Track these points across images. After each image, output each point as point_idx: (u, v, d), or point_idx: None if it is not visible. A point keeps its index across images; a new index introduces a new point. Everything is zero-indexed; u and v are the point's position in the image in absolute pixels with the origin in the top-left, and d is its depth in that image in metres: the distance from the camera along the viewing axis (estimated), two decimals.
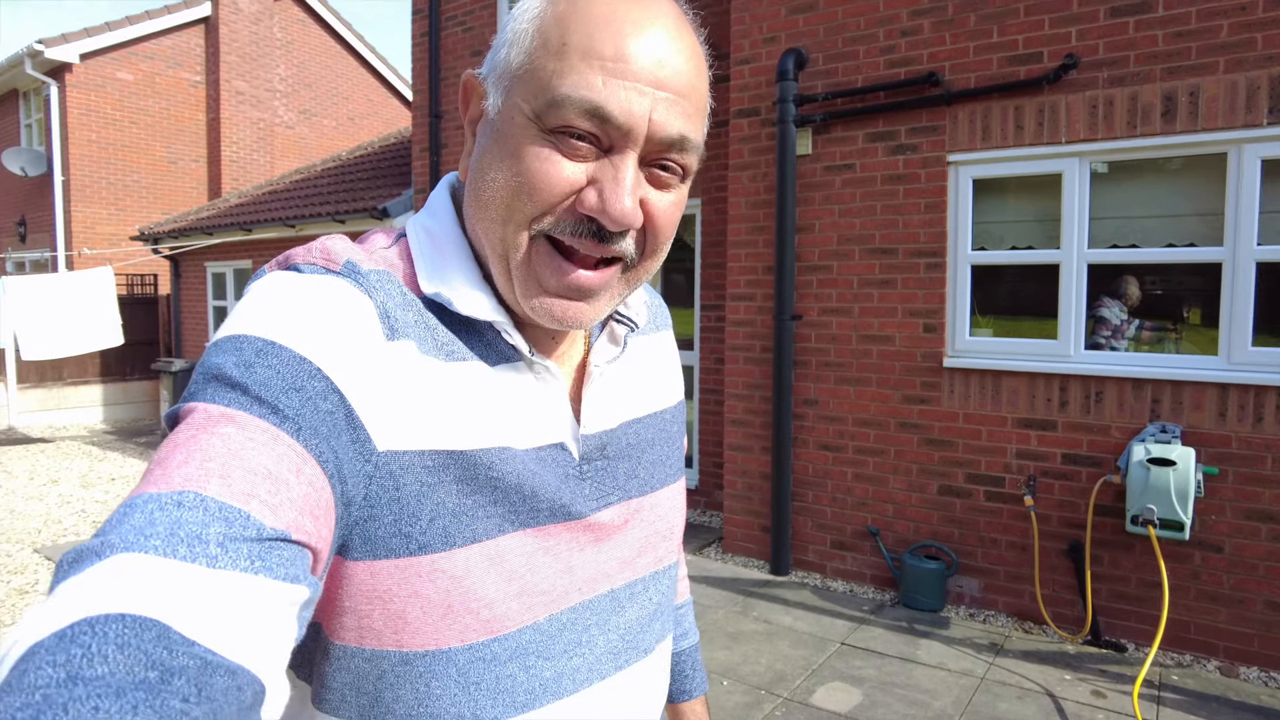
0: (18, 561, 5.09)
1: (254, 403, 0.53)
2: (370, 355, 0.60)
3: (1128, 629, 3.87)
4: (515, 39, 0.64)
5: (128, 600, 0.41)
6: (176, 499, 0.47)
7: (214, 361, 0.56)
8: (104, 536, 0.45)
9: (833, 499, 4.74)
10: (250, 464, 0.50)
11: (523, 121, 0.62)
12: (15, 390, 10.17)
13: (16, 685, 0.37)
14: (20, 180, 13.47)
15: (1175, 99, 3.68)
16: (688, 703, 1.01)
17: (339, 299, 0.60)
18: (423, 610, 0.61)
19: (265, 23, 14.20)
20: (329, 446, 0.56)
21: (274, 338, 0.56)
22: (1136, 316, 4.06)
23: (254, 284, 0.63)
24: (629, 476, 0.76)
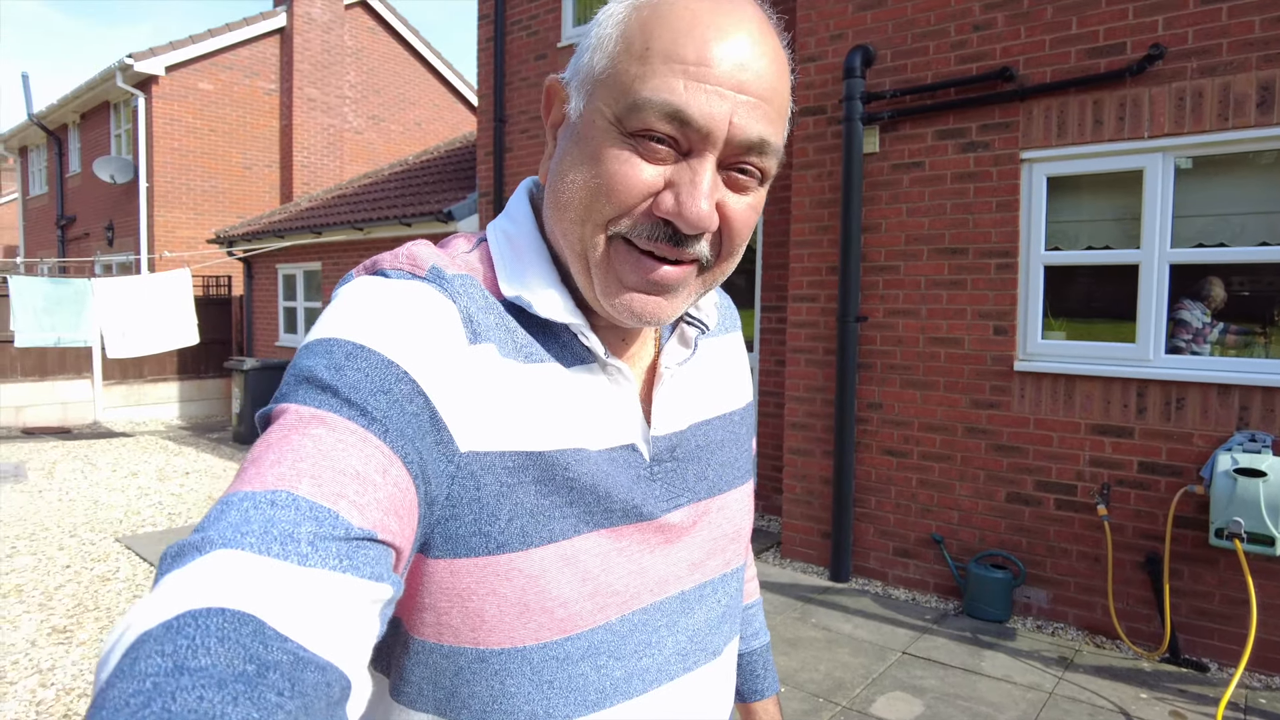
0: (101, 550, 5.32)
1: (344, 405, 0.55)
2: (454, 358, 0.62)
3: (1210, 648, 3.68)
4: (599, 44, 0.65)
5: (227, 595, 0.43)
6: (270, 498, 0.49)
7: (305, 364, 0.58)
8: (204, 532, 0.47)
9: (896, 505, 4.63)
10: (340, 465, 0.52)
11: (604, 124, 0.63)
12: (101, 387, 10.67)
13: (129, 672, 0.39)
14: (109, 187, 14.15)
15: (1273, 88, 3.50)
16: (760, 702, 1.01)
17: (424, 303, 0.62)
18: (499, 609, 0.62)
19: (336, 31, 14.65)
20: (414, 448, 0.57)
21: (363, 341, 0.58)
22: (1221, 319, 3.87)
23: (343, 288, 0.65)
24: (698, 478, 0.76)
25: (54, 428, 10.09)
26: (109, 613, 4.20)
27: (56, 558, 5.12)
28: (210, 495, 6.87)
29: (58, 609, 4.26)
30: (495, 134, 8.02)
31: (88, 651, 3.74)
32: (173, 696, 0.38)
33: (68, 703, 3.27)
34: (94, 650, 3.75)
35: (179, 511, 6.32)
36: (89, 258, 14.76)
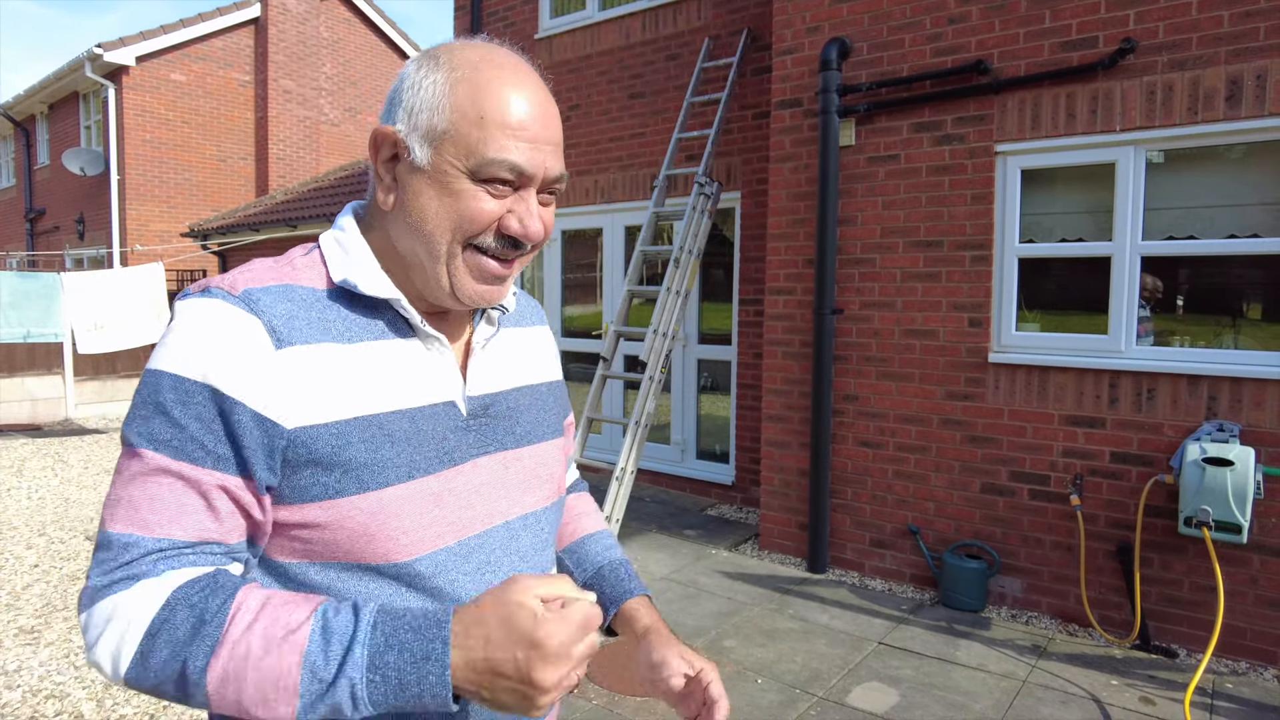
0: (70, 548, 5.24)
1: (167, 445, 0.79)
2: (261, 363, 0.81)
3: (1179, 634, 3.74)
4: (433, 107, 0.85)
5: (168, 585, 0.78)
6: (128, 541, 0.79)
7: (144, 399, 0.81)
8: (118, 572, 0.78)
9: (872, 496, 4.66)
10: (169, 506, 0.79)
11: (456, 173, 0.85)
12: (73, 382, 10.50)
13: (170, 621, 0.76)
14: (80, 180, 13.91)
15: (1241, 83, 3.54)
16: (631, 600, 1.12)
17: (231, 324, 0.81)
18: (349, 537, 0.83)
19: (312, 22, 14.47)
20: (230, 451, 0.80)
21: (183, 372, 0.80)
22: (1167, 309, 3.92)
23: (178, 304, 0.85)
24: (507, 432, 0.98)
25: (23, 425, 9.92)
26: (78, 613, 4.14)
27: (25, 557, 5.03)
28: None
29: (25, 609, 4.19)
30: None
31: (56, 652, 3.68)
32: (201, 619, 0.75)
33: (34, 704, 3.21)
34: (62, 651, 3.69)
35: None
36: (59, 251, 14.52)
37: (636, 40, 6.70)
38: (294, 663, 0.72)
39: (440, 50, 0.89)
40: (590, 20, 6.99)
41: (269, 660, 0.73)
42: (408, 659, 0.73)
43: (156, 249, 12.75)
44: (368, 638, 0.74)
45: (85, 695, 3.29)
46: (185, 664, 0.74)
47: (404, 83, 0.88)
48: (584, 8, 7.13)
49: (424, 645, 0.73)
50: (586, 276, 7.36)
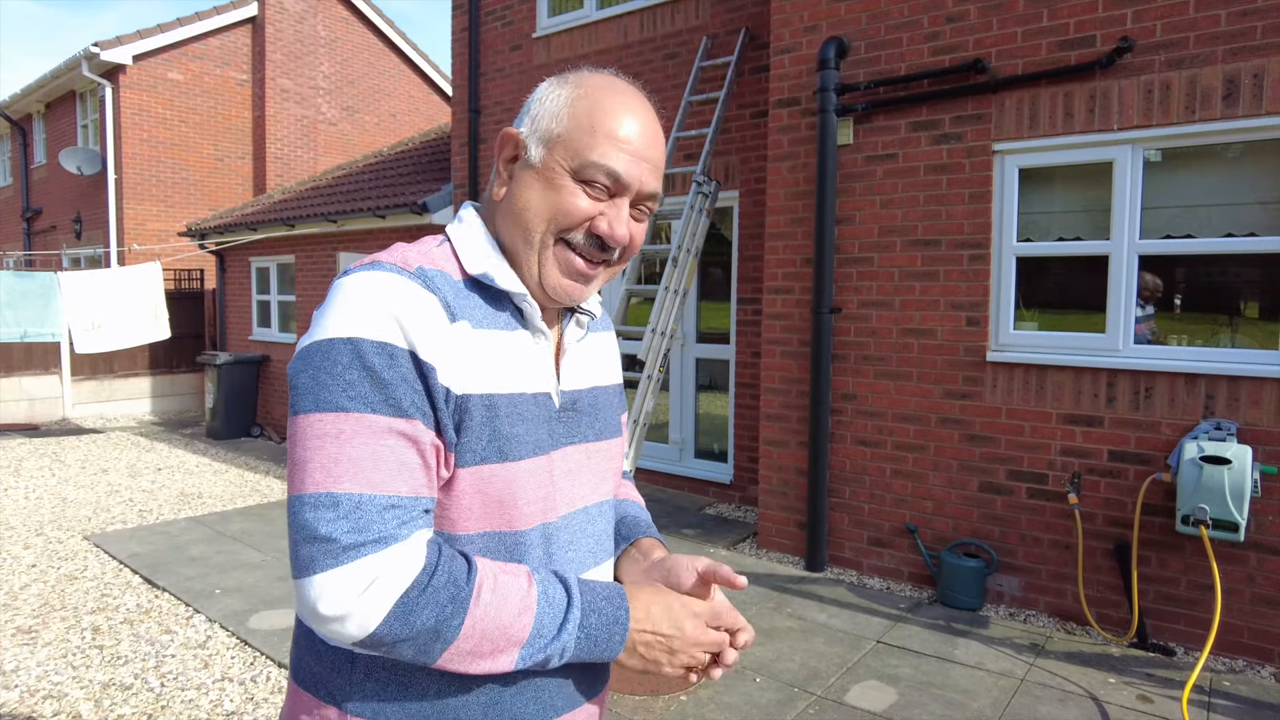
0: (68, 548, 5.23)
1: (380, 402, 0.85)
2: (441, 333, 0.90)
3: (1177, 632, 3.74)
4: (555, 114, 0.97)
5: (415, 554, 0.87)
6: (367, 500, 0.85)
7: (339, 364, 0.86)
8: (363, 533, 0.84)
9: (870, 495, 4.66)
10: (389, 463, 0.86)
11: (561, 171, 0.96)
12: (70, 382, 10.48)
13: (432, 585, 0.85)
14: (77, 179, 13.88)
15: (1238, 81, 3.54)
16: (647, 538, 1.20)
17: (414, 296, 0.90)
18: (485, 503, 0.94)
19: (309, 21, 14.44)
20: (425, 408, 0.88)
21: (377, 337, 0.86)
22: (1167, 307, 3.93)
23: (348, 278, 0.91)
24: (589, 426, 1.08)
25: (21, 424, 9.91)
26: (76, 612, 4.13)
27: (22, 556, 5.02)
28: (183, 491, 6.78)
29: (23, 609, 4.18)
30: (470, 125, 7.95)
31: (53, 652, 3.67)
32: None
33: (32, 704, 3.21)
34: (60, 650, 3.69)
35: (150, 508, 6.23)
36: (56, 251, 14.49)
37: (634, 39, 6.70)
38: (527, 623, 0.88)
39: (572, 74, 1.01)
40: (588, 19, 6.99)
41: (506, 620, 0.87)
42: (605, 621, 0.93)
43: (154, 248, 12.72)
44: (579, 605, 0.92)
45: (83, 695, 3.28)
46: (444, 623, 0.84)
47: (534, 96, 1.01)
48: (581, 7, 7.13)
49: (614, 611, 0.94)
50: None
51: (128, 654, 3.67)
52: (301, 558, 0.82)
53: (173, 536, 5.42)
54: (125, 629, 3.94)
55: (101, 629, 3.94)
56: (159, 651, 3.70)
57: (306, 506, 0.82)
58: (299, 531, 0.83)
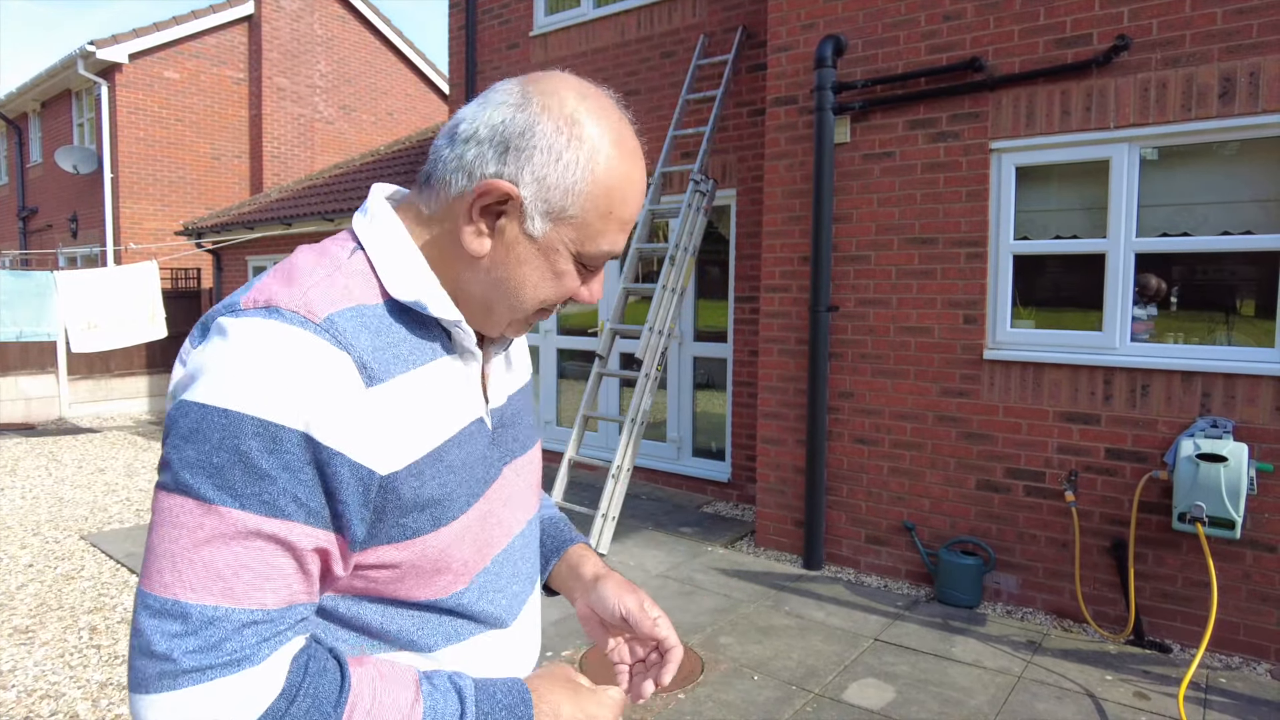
0: (65, 548, 5.22)
1: (253, 499, 0.70)
2: (354, 405, 0.75)
3: (1173, 630, 3.75)
4: (571, 190, 0.82)
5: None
6: (211, 614, 0.69)
7: (211, 443, 0.70)
8: (211, 655, 0.68)
9: (868, 493, 4.67)
10: (255, 573, 0.70)
11: (565, 254, 0.85)
12: (66, 382, 10.46)
13: (290, 713, 0.70)
14: (73, 178, 13.85)
15: (1234, 79, 3.54)
16: (573, 547, 1.15)
17: (321, 360, 0.73)
18: (419, 574, 0.83)
19: (306, 20, 14.42)
20: (322, 504, 0.73)
21: (268, 416, 0.70)
22: (1166, 306, 3.94)
23: (238, 324, 0.74)
24: (513, 439, 0.99)
25: (17, 424, 9.89)
26: (73, 612, 4.13)
27: (19, 556, 5.02)
28: None
29: (20, 609, 4.18)
30: None
31: (50, 652, 3.67)
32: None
33: (29, 704, 3.20)
34: (57, 650, 3.69)
35: (147, 508, 6.22)
36: (52, 250, 14.46)
37: (632, 37, 6.69)
38: None
39: (579, 112, 0.82)
40: (585, 18, 6.98)
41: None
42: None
43: (150, 247, 12.70)
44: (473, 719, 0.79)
45: (80, 695, 3.28)
46: None
47: (535, 137, 0.81)
48: (578, 5, 7.12)
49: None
50: None
51: (125, 653, 3.66)
52: (135, 671, 0.68)
53: None
54: (123, 628, 3.94)
55: (99, 628, 3.93)
56: None
57: (148, 611, 0.68)
58: (136, 638, 0.68)
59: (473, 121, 0.83)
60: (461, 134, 0.83)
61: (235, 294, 0.79)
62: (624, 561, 4.86)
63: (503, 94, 0.83)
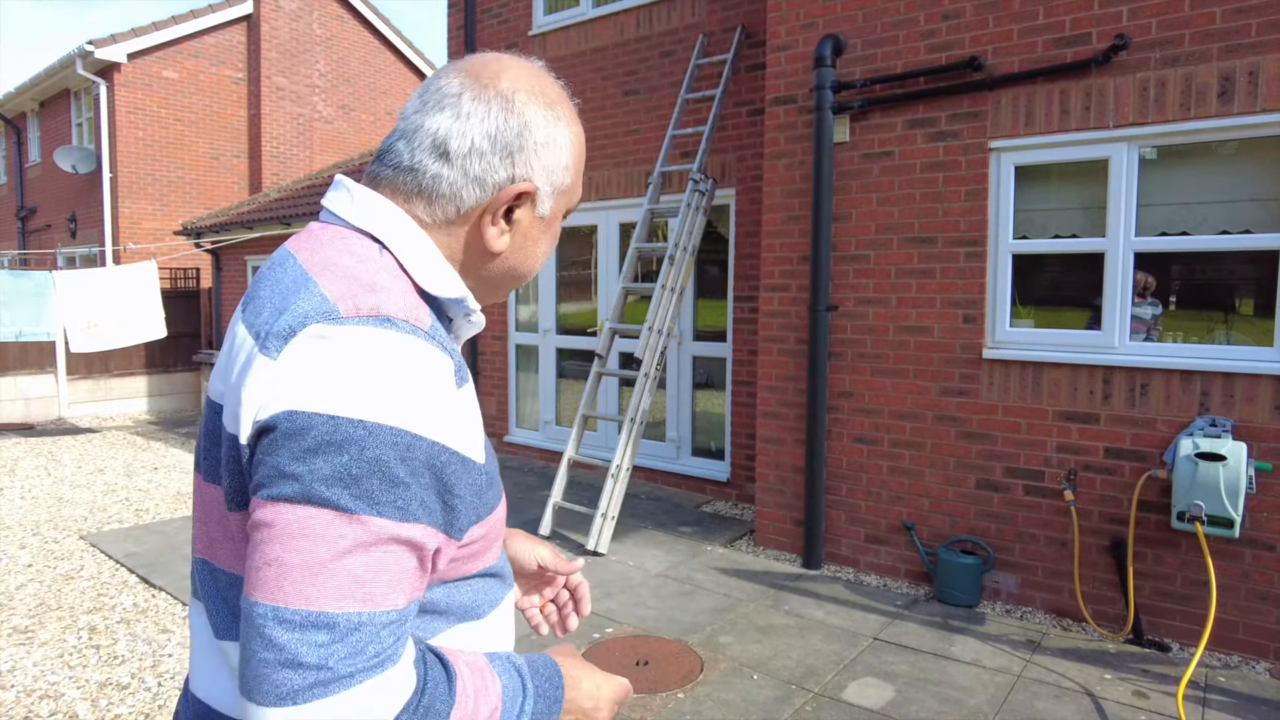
0: (64, 548, 5.22)
1: (394, 507, 0.73)
2: (452, 404, 0.80)
3: (1172, 628, 3.75)
4: (564, 166, 0.93)
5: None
6: (360, 619, 0.72)
7: (350, 454, 0.72)
8: (359, 660, 0.71)
9: (867, 492, 4.67)
10: (392, 574, 0.74)
11: (559, 215, 0.97)
12: (65, 382, 10.46)
13: (423, 703, 0.75)
14: (72, 178, 13.84)
15: (1233, 79, 3.55)
16: None
17: (437, 368, 0.79)
18: (487, 545, 0.92)
19: (305, 19, 14.41)
20: (435, 504, 0.78)
21: (408, 427, 0.74)
22: (1162, 301, 3.95)
23: (371, 337, 0.76)
24: None
25: (16, 424, 9.88)
26: (72, 612, 4.13)
27: (18, 557, 5.01)
28: (179, 490, 6.77)
29: (19, 609, 4.17)
30: None
31: (50, 652, 3.67)
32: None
33: (29, 704, 3.20)
34: (56, 650, 3.69)
35: (146, 508, 6.22)
36: (51, 250, 14.45)
37: (631, 37, 6.69)
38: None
39: (556, 99, 0.92)
40: (584, 17, 6.98)
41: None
42: (546, 704, 0.91)
43: (149, 247, 12.70)
44: (531, 694, 0.88)
45: (79, 695, 3.28)
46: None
47: (532, 132, 0.88)
48: (578, 4, 7.12)
49: (554, 692, 0.92)
50: (581, 274, 7.35)
51: (124, 653, 3.66)
52: (276, 685, 0.68)
53: (169, 536, 5.41)
54: (122, 628, 3.94)
55: (98, 628, 3.93)
56: (156, 651, 3.69)
57: (287, 625, 0.68)
58: (276, 652, 0.68)
59: (462, 136, 0.86)
60: (457, 150, 0.86)
61: (311, 299, 0.78)
62: (623, 561, 4.86)
63: (470, 99, 0.87)
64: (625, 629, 3.90)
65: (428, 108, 0.87)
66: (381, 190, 0.89)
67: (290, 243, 0.90)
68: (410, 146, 0.87)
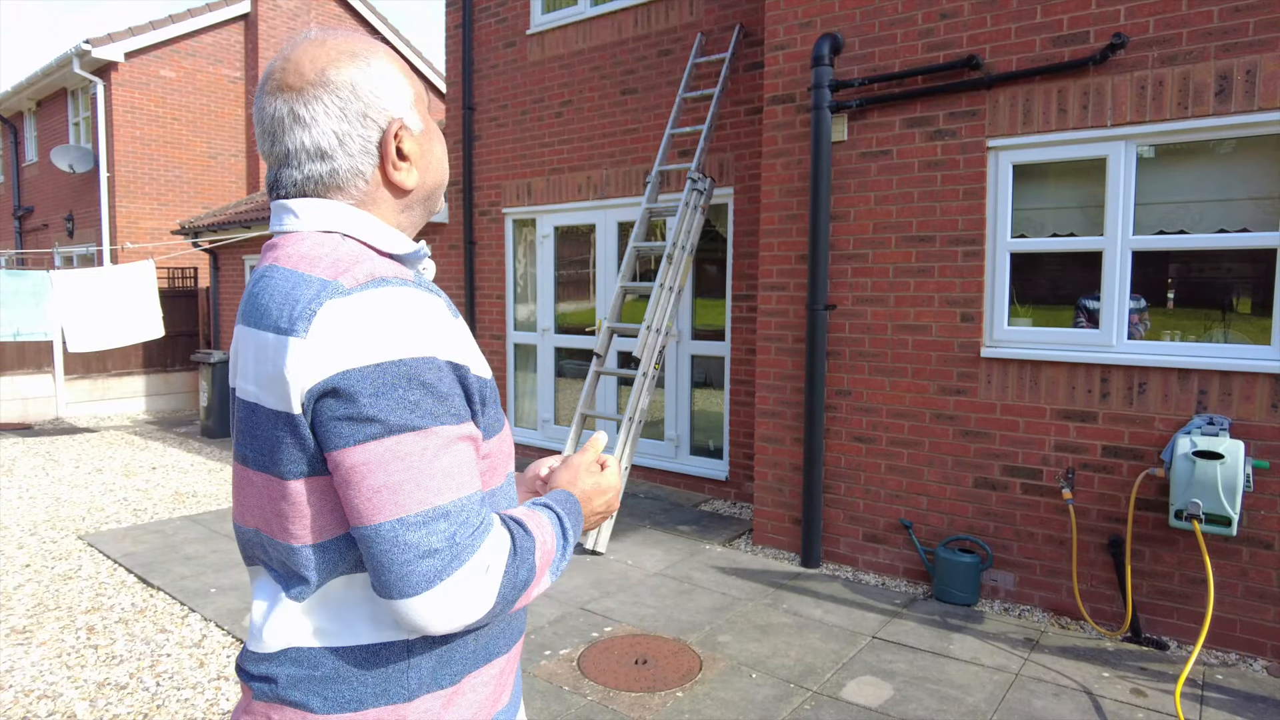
0: (62, 548, 5.21)
1: (446, 414, 0.91)
2: (455, 332, 0.95)
3: (1170, 626, 3.76)
4: (400, 82, 1.05)
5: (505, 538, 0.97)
6: (464, 503, 0.91)
7: (403, 384, 0.88)
8: (469, 531, 0.91)
9: (865, 491, 4.67)
10: (465, 467, 0.93)
11: (429, 115, 1.09)
12: (63, 381, 10.44)
13: (517, 548, 0.96)
14: (69, 177, 13.82)
15: (1230, 78, 3.55)
16: None
17: (434, 305, 0.94)
18: (504, 460, 1.09)
19: (303, 18, 14.39)
20: (472, 405, 0.96)
21: (434, 354, 0.90)
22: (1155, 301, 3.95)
23: (376, 296, 0.90)
24: None
25: (14, 424, 9.87)
26: (70, 612, 4.12)
27: (16, 556, 5.01)
28: (177, 490, 6.76)
29: (17, 609, 4.17)
30: (464, 122, 7.94)
31: (48, 652, 3.66)
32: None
33: (27, 704, 3.20)
34: (54, 650, 3.68)
35: (144, 507, 6.21)
36: (48, 249, 14.42)
37: (629, 36, 6.69)
38: (552, 544, 1.02)
39: (358, 49, 1.03)
40: (582, 16, 6.98)
41: (549, 547, 1.02)
42: (572, 511, 1.10)
43: (147, 246, 12.68)
44: (559, 512, 1.07)
45: (78, 695, 3.28)
46: (530, 571, 0.96)
47: (359, 87, 1.00)
48: (576, 3, 7.11)
49: (572, 504, 1.11)
50: (580, 273, 7.35)
51: (123, 653, 3.66)
52: (418, 575, 0.86)
53: (168, 535, 5.41)
54: (120, 628, 3.93)
55: (96, 628, 3.93)
56: (154, 651, 3.69)
57: (413, 527, 0.86)
58: (410, 550, 0.86)
59: (324, 135, 0.99)
60: (330, 147, 0.99)
61: (312, 286, 0.91)
62: (622, 560, 4.86)
63: (302, 108, 0.99)
64: (624, 628, 3.90)
65: (280, 135, 1.00)
66: (302, 202, 1.02)
67: (262, 260, 1.02)
68: (296, 169, 1.00)
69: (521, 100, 7.50)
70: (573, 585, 4.46)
